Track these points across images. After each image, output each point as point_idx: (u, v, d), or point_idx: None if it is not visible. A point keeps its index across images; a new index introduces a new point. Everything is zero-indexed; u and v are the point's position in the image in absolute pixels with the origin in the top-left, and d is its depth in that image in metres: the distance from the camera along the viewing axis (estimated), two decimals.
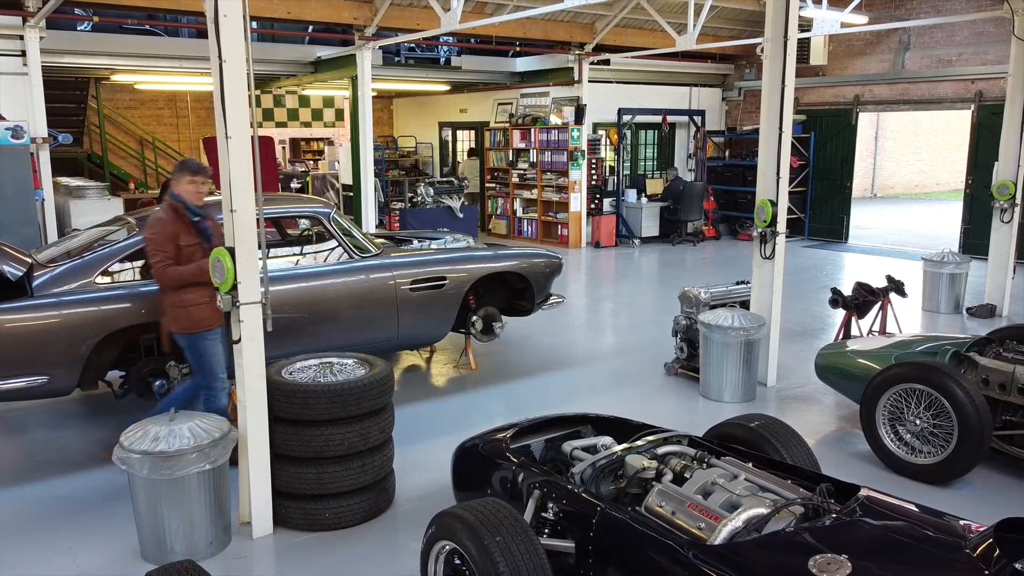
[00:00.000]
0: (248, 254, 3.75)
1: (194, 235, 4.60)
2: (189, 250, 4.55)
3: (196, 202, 4.60)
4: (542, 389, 6.42)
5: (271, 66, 12.49)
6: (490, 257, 6.54)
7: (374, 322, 5.79)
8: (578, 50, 13.42)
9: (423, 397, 6.20)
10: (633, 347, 7.63)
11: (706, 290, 6.43)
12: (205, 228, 4.65)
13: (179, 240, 4.54)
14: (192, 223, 4.61)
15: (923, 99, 13.24)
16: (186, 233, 4.56)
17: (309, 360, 4.36)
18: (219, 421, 3.89)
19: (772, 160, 6.11)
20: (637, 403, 6.07)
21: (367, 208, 11.49)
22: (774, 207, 6.08)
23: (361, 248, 5.92)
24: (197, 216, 4.62)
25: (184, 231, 4.56)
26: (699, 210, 14.43)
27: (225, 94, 3.59)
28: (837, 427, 5.56)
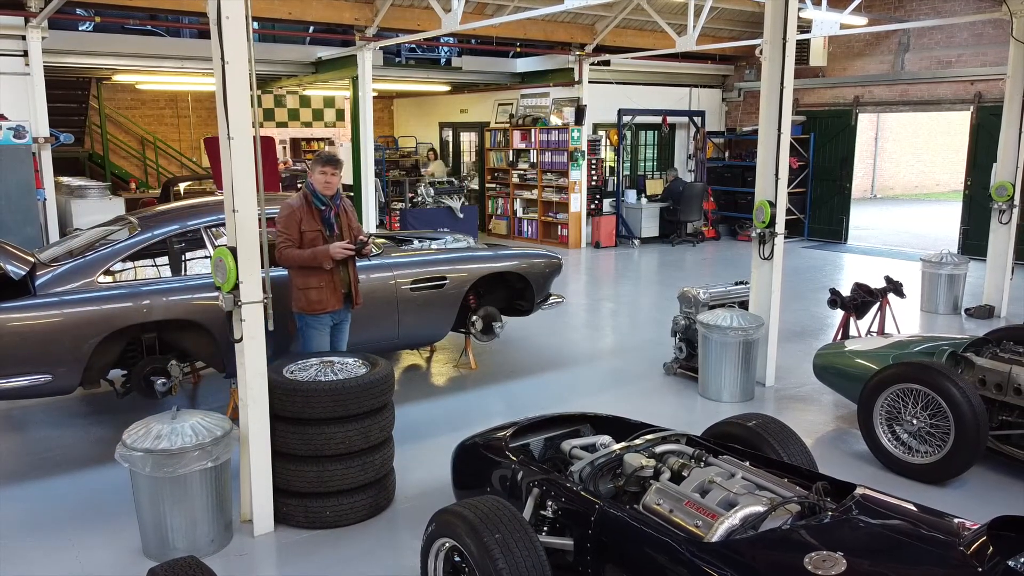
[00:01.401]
0: (250, 254, 3.77)
1: (317, 222, 4.88)
2: (310, 235, 4.84)
3: (325, 191, 4.88)
4: (541, 388, 6.45)
5: (272, 66, 12.53)
6: (490, 257, 6.57)
7: (374, 321, 5.82)
8: (578, 51, 13.46)
9: (423, 396, 6.23)
10: (632, 347, 7.66)
11: (705, 290, 6.46)
12: (328, 217, 4.93)
13: (302, 225, 4.81)
14: (318, 211, 4.89)
15: (922, 100, 13.26)
16: (309, 219, 4.86)
17: (310, 359, 4.38)
18: (221, 419, 3.91)
19: (771, 161, 6.14)
20: (636, 402, 6.10)
21: (368, 208, 11.52)
22: (773, 208, 6.11)
23: None
24: (324, 205, 4.88)
25: (308, 217, 4.86)
26: (699, 211, 14.46)
27: (228, 95, 3.62)
28: (835, 427, 5.59)
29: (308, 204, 4.87)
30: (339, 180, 4.96)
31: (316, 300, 4.86)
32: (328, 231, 4.93)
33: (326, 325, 5.00)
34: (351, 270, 5.06)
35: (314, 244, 4.85)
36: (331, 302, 4.90)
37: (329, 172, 4.87)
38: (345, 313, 5.15)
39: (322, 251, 4.80)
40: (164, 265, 5.36)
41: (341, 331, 5.19)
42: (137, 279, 5.19)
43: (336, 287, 4.93)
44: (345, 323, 5.20)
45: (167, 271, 5.26)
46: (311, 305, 4.85)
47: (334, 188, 4.93)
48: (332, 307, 4.91)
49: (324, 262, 4.81)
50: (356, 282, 5.11)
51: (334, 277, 4.91)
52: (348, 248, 4.85)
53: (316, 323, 4.93)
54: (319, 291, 4.85)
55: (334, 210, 4.97)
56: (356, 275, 5.10)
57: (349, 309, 5.15)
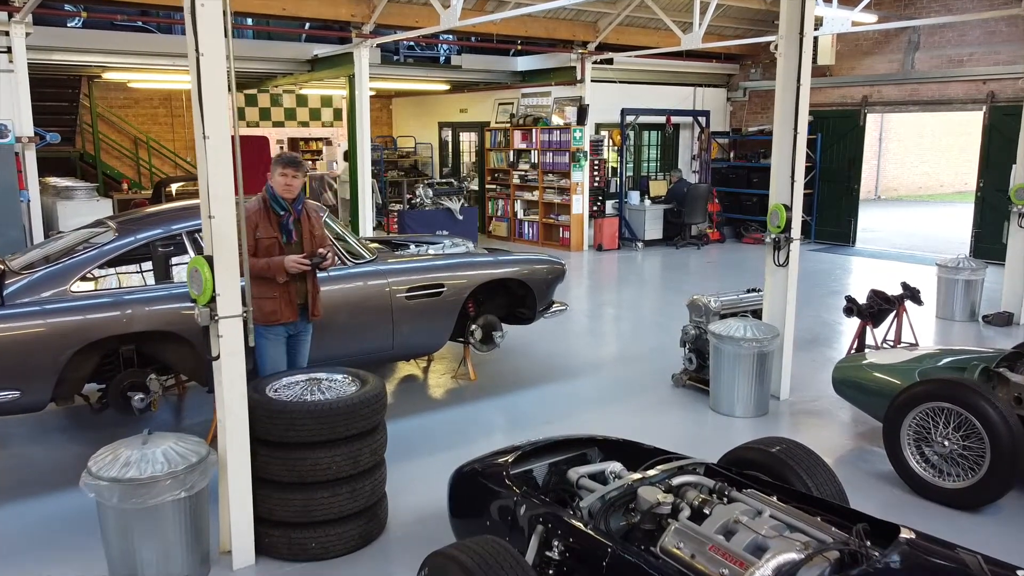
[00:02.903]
0: (228, 263, 3.46)
1: (275, 228, 4.50)
2: (266, 243, 4.46)
3: (285, 195, 4.49)
4: (544, 401, 6.14)
5: (267, 64, 12.22)
6: (490, 263, 6.26)
7: (368, 332, 5.50)
8: (581, 49, 13.14)
9: (419, 410, 5.91)
10: (638, 355, 7.35)
11: (716, 298, 6.14)
12: (286, 223, 4.54)
13: (258, 231, 4.43)
14: (276, 216, 4.52)
15: (933, 100, 12.95)
16: (266, 226, 4.48)
17: (296, 376, 4.07)
18: (196, 443, 3.60)
19: (786, 162, 5.83)
20: (644, 416, 5.79)
21: (364, 210, 11.20)
22: (788, 212, 5.80)
23: (354, 254, 5.63)
24: (283, 210, 4.50)
25: (265, 223, 4.48)
26: (703, 213, 14.15)
27: (203, 91, 3.31)
28: (856, 445, 5.28)
29: (266, 208, 4.49)
30: (301, 183, 4.58)
31: (269, 311, 4.47)
32: (286, 238, 4.53)
33: (280, 336, 4.61)
34: (310, 281, 4.65)
35: (270, 252, 4.46)
36: (285, 313, 4.53)
37: (290, 174, 4.47)
38: (303, 325, 4.74)
39: (276, 263, 4.41)
40: (144, 272, 5.05)
41: (300, 344, 4.77)
42: (114, 287, 4.87)
43: (291, 298, 4.56)
44: (304, 335, 4.78)
45: (147, 278, 4.94)
46: (264, 316, 4.44)
47: (295, 192, 4.52)
48: (286, 318, 4.54)
49: (278, 275, 4.43)
50: (315, 293, 4.70)
51: (289, 288, 4.53)
52: (302, 263, 4.45)
53: (269, 334, 4.52)
54: (273, 301, 4.48)
55: (294, 216, 4.55)
56: (316, 286, 4.70)
57: (307, 321, 4.74)
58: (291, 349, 4.70)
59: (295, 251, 4.55)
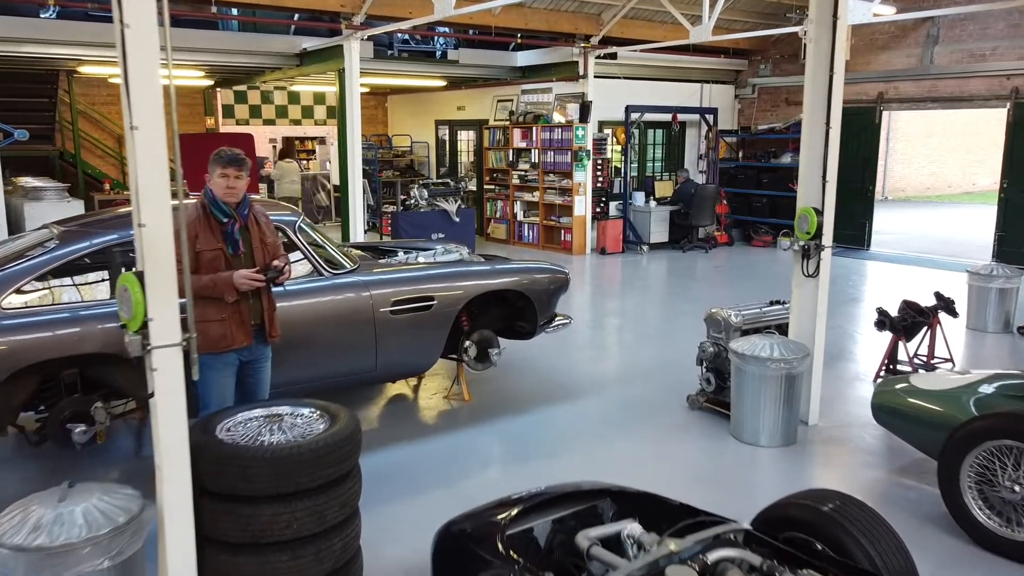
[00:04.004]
0: (163, 281, 2.84)
1: (218, 239, 3.85)
2: (208, 256, 3.82)
3: (227, 199, 3.85)
4: (545, 425, 5.53)
5: (254, 58, 11.61)
6: (486, 272, 5.65)
7: (347, 351, 4.89)
8: (583, 43, 12.51)
9: (407, 436, 5.30)
10: (647, 371, 6.74)
11: (737, 312, 5.53)
12: (231, 232, 3.87)
13: (197, 243, 3.79)
14: (218, 224, 3.85)
15: (953, 97, 12.34)
16: (208, 236, 3.84)
17: (254, 411, 3.46)
18: (128, 498, 2.99)
19: (817, 161, 5.22)
20: (657, 445, 5.18)
21: (355, 212, 10.60)
22: (819, 216, 5.18)
23: (333, 263, 5.02)
24: (226, 217, 3.86)
25: (206, 233, 3.84)
26: (711, 214, 13.54)
27: (129, 71, 2.70)
28: (899, 481, 4.66)
29: (206, 215, 3.84)
30: (245, 184, 3.92)
31: (218, 336, 3.81)
32: (232, 250, 3.88)
33: (231, 366, 3.94)
34: (265, 298, 4.01)
35: (214, 267, 3.80)
36: (237, 337, 3.86)
37: (232, 174, 3.81)
38: (261, 350, 4.07)
39: (223, 280, 3.78)
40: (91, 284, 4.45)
41: (258, 373, 4.10)
42: (56, 303, 4.27)
43: (243, 319, 3.89)
44: (262, 361, 4.11)
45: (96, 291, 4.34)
46: (211, 342, 3.77)
47: (239, 194, 3.88)
48: (238, 343, 3.88)
49: (226, 293, 3.79)
50: (271, 310, 4.04)
51: (240, 308, 3.87)
52: (255, 279, 3.83)
53: (217, 363, 3.85)
54: (221, 325, 3.82)
55: (239, 223, 3.90)
56: (271, 302, 4.05)
57: (265, 344, 4.08)
58: (248, 378, 4.06)
59: (244, 264, 3.90)
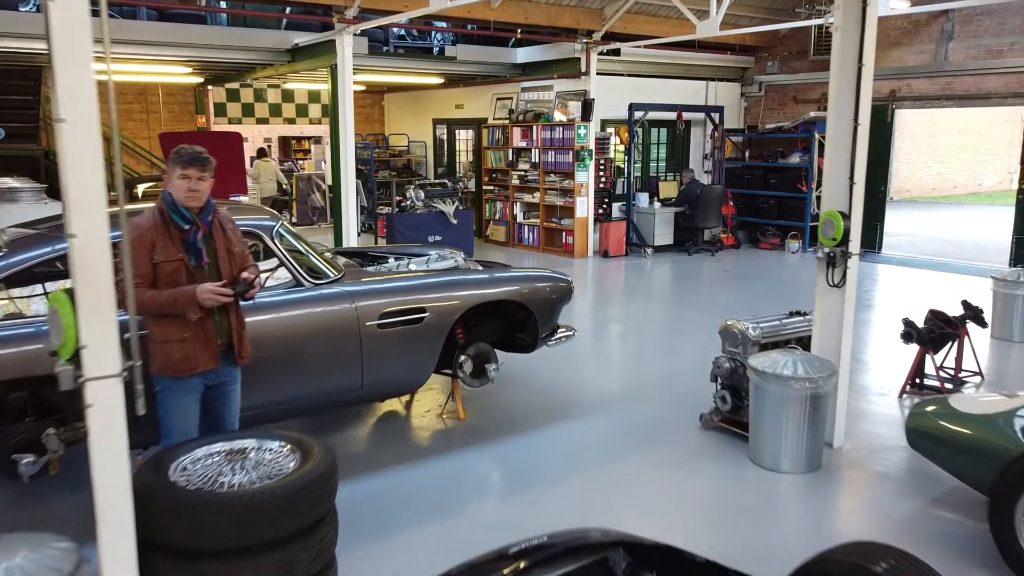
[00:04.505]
0: (99, 301, 2.42)
1: (178, 249, 3.43)
2: (168, 268, 3.40)
3: (188, 203, 3.43)
4: (546, 448, 5.09)
5: (243, 54, 11.16)
6: (483, 281, 5.21)
7: (330, 369, 4.46)
8: (585, 38, 12.08)
9: (396, 460, 4.87)
10: (655, 386, 6.30)
11: (755, 324, 5.09)
12: (193, 241, 3.44)
13: (155, 254, 3.36)
14: (179, 231, 3.42)
15: (968, 94, 11.90)
16: (167, 245, 3.41)
17: (214, 446, 3.04)
18: (60, 555, 2.56)
19: (843, 161, 4.79)
20: (669, 471, 4.75)
21: (348, 214, 10.16)
22: (846, 221, 4.75)
23: (315, 272, 4.59)
24: (187, 224, 3.42)
25: (164, 242, 3.41)
26: (717, 216, 13.10)
27: (54, 53, 2.27)
28: (936, 513, 4.23)
29: (164, 223, 3.41)
30: (209, 187, 3.48)
31: (180, 358, 3.41)
32: (195, 260, 3.46)
33: (195, 391, 3.52)
34: (233, 314, 3.59)
35: (175, 280, 3.38)
36: (201, 360, 3.45)
37: (194, 175, 3.39)
38: (229, 372, 3.65)
39: (185, 296, 3.36)
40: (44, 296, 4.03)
41: (226, 398, 3.68)
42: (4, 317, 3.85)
43: (208, 339, 3.48)
44: (231, 385, 3.69)
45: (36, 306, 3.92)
46: (173, 366, 3.40)
47: (202, 198, 3.45)
48: (203, 366, 3.46)
49: (189, 311, 3.37)
50: (240, 328, 3.62)
51: (205, 326, 3.46)
52: (222, 294, 3.42)
53: (180, 388, 3.46)
54: (183, 345, 3.41)
55: (203, 230, 3.48)
56: (240, 319, 3.63)
57: (233, 365, 3.66)
58: (215, 404, 3.63)
59: (209, 276, 3.47)
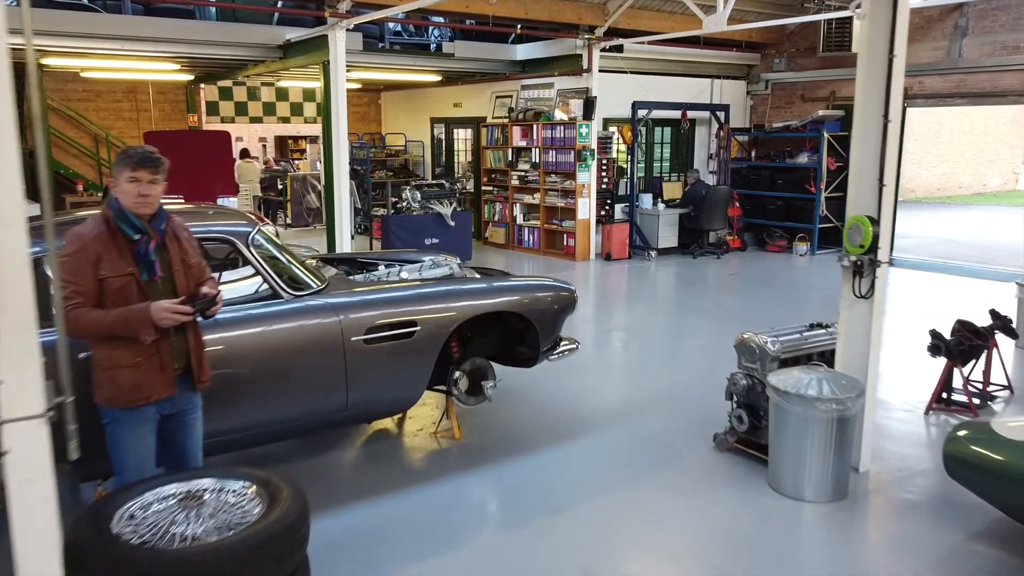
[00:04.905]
0: (18, 328, 2.03)
1: (128, 262, 3.00)
2: (117, 284, 2.97)
3: (138, 210, 3.00)
4: (549, 472, 4.70)
5: (233, 50, 10.79)
6: (480, 291, 4.82)
7: (311, 390, 4.08)
8: (587, 34, 11.71)
9: (385, 486, 4.47)
10: (663, 401, 5.91)
11: (774, 338, 4.71)
12: (145, 253, 3.02)
13: (101, 268, 2.94)
14: (128, 242, 2.99)
15: (983, 92, 11.51)
16: (114, 258, 2.98)
17: (167, 487, 2.65)
18: None
19: (871, 161, 4.41)
20: (679, 498, 4.36)
21: (341, 216, 9.79)
22: (875, 226, 4.37)
23: (296, 282, 4.21)
24: (138, 233, 3.01)
25: (111, 255, 2.98)
26: (723, 218, 12.71)
27: None
28: (979, 549, 3.84)
29: (111, 232, 2.99)
30: (162, 191, 3.07)
31: (131, 386, 2.99)
32: (147, 275, 3.04)
33: (149, 422, 3.10)
34: (191, 334, 3.18)
35: (124, 298, 2.96)
36: (156, 387, 3.04)
37: (144, 178, 2.97)
38: (187, 399, 3.23)
39: (138, 315, 2.94)
40: None
41: (187, 427, 3.27)
42: None
43: (164, 363, 3.06)
44: (191, 414, 3.28)
45: None
46: (124, 395, 2.98)
47: (154, 204, 3.03)
48: (158, 394, 3.06)
49: (142, 332, 2.95)
50: (199, 349, 3.22)
51: (160, 349, 3.04)
52: (181, 312, 3.01)
53: (131, 420, 3.04)
54: (135, 371, 2.99)
55: (155, 240, 3.06)
56: (199, 339, 3.23)
57: (192, 391, 3.26)
58: (174, 435, 3.22)
59: (163, 292, 3.07)
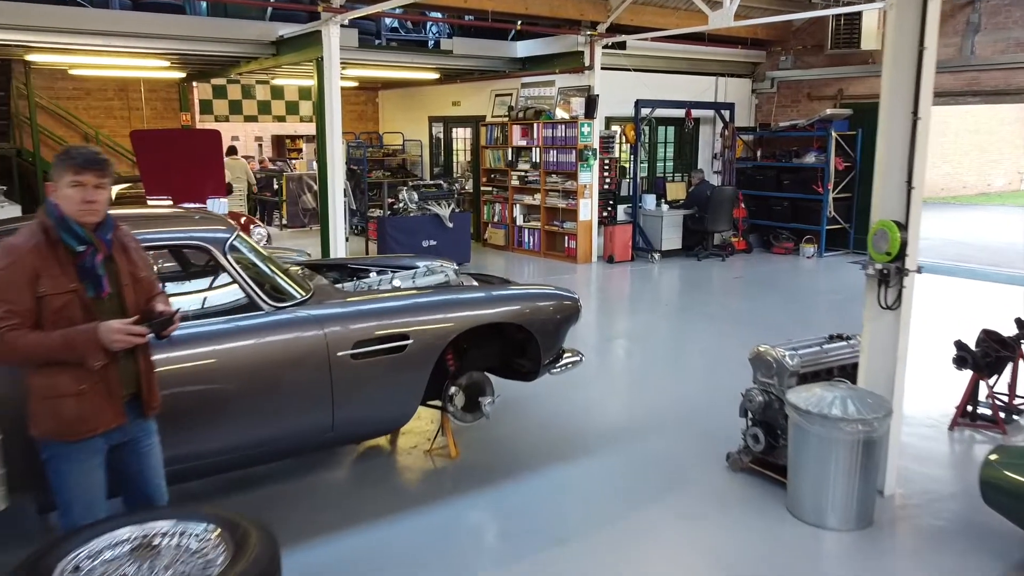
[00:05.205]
0: None
1: (70, 276, 2.66)
2: (58, 302, 2.63)
3: (82, 218, 2.65)
4: (551, 495, 4.39)
5: (225, 46, 10.49)
6: (477, 301, 4.51)
7: (293, 410, 3.76)
8: (589, 31, 11.38)
9: (375, 512, 4.15)
10: (670, 414, 5.60)
11: (792, 351, 4.39)
12: (90, 266, 2.66)
13: (40, 284, 2.60)
14: (70, 254, 2.64)
15: (997, 90, 11.20)
16: (55, 273, 2.64)
17: (119, 531, 2.34)
18: None
19: (899, 161, 4.10)
20: (693, 524, 4.04)
21: (335, 217, 9.48)
22: (903, 232, 4.06)
23: (278, 291, 3.89)
24: (81, 244, 2.64)
25: (51, 269, 2.63)
26: (729, 219, 12.40)
27: None
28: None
29: (51, 244, 2.64)
30: (108, 197, 2.73)
31: (75, 417, 2.64)
32: (93, 291, 2.68)
33: (97, 454, 2.74)
34: (140, 357, 2.82)
35: (66, 317, 2.62)
36: (103, 416, 2.70)
37: (89, 182, 2.63)
38: (139, 427, 2.87)
39: (85, 337, 2.59)
40: None
41: (144, 457, 2.90)
42: None
43: (112, 390, 2.72)
44: (145, 443, 2.90)
45: None
46: (66, 427, 2.64)
47: (100, 211, 2.68)
48: (105, 425, 2.71)
49: (90, 357, 2.61)
50: (150, 372, 2.87)
51: (108, 374, 2.69)
52: (135, 333, 2.66)
53: (76, 454, 2.69)
54: (79, 401, 2.64)
55: (102, 252, 2.71)
56: (149, 362, 2.88)
57: (142, 417, 2.88)
58: (128, 467, 2.87)
59: (111, 310, 2.72)
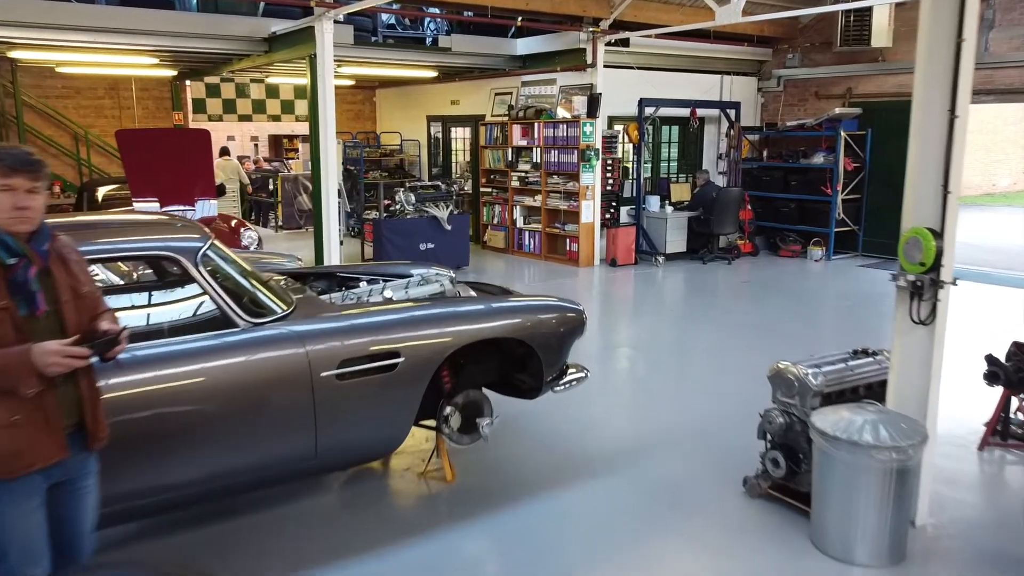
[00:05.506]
0: None
1: (1, 293, 2.33)
2: None
3: (14, 227, 2.35)
4: (553, 522, 4.07)
5: (216, 43, 10.16)
6: (475, 314, 4.18)
7: (272, 436, 3.44)
8: (592, 27, 11.05)
9: (365, 543, 3.83)
10: (680, 432, 5.27)
11: (815, 369, 4.07)
12: (22, 280, 2.35)
13: None
14: (2, 268, 2.33)
15: (1012, 88, 10.87)
16: None
17: None
18: None
19: (934, 164, 3.79)
20: (709, 557, 3.72)
21: (329, 220, 9.16)
22: (938, 240, 3.74)
23: (256, 305, 3.57)
24: (13, 256, 2.35)
25: None
26: (734, 221, 12.07)
27: None
28: None
29: None
30: (43, 203, 2.43)
31: (9, 451, 2.32)
32: (26, 309, 2.36)
33: (36, 494, 2.42)
34: (83, 381, 2.50)
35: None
36: (42, 450, 2.39)
37: (21, 186, 2.34)
38: (80, 464, 2.55)
39: (16, 360, 2.27)
40: None
41: (77, 500, 2.58)
42: None
43: (50, 421, 2.39)
44: (82, 482, 2.58)
45: None
46: (1, 463, 2.32)
47: (34, 220, 2.39)
48: (44, 459, 2.40)
49: (22, 382, 2.29)
50: (95, 399, 2.54)
51: (44, 402, 2.37)
52: (75, 355, 2.35)
53: (13, 493, 2.37)
54: (13, 433, 2.32)
55: (37, 264, 2.40)
56: (93, 388, 2.55)
57: (86, 452, 2.56)
58: (59, 509, 2.53)
59: (47, 330, 2.40)
